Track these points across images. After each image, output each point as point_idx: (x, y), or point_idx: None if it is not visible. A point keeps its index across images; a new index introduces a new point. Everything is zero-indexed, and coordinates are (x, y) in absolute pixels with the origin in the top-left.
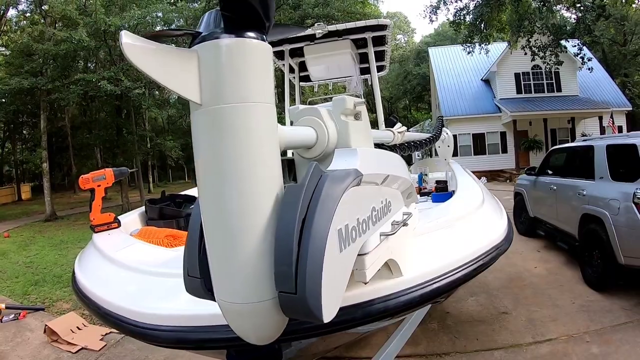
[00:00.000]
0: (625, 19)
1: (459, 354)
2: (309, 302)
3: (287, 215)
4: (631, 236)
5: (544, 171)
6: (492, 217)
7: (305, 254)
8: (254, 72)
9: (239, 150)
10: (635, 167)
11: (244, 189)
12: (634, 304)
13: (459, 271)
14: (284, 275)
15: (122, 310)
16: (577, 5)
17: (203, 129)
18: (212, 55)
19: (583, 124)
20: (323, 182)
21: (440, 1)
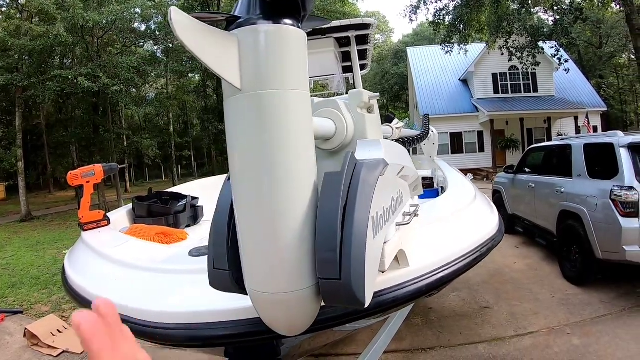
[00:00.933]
0: (601, 22)
1: (444, 348)
2: (353, 287)
3: (330, 202)
4: (608, 232)
5: (521, 169)
6: (485, 211)
7: (349, 240)
8: (292, 59)
9: (280, 136)
10: (612, 165)
11: (284, 176)
12: (612, 297)
13: (461, 261)
14: (328, 261)
15: (126, 310)
16: (555, 7)
17: (242, 114)
18: (252, 41)
19: (559, 123)
20: (359, 170)
21: (421, 1)
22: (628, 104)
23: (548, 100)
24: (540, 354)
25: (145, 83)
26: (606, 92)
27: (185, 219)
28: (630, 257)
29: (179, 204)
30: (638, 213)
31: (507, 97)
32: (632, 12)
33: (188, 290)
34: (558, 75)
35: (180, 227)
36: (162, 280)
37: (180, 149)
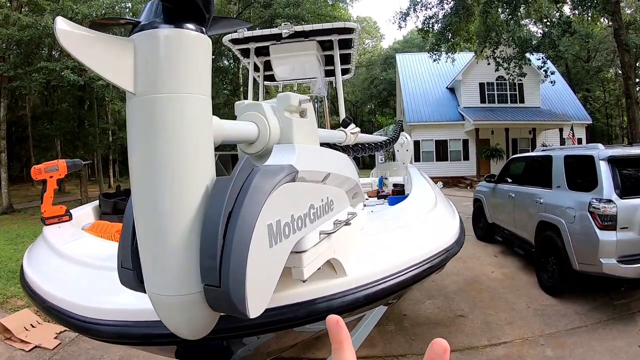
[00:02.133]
0: (589, 36)
1: (416, 356)
2: (232, 295)
3: (213, 208)
4: (586, 244)
5: (503, 179)
6: (444, 220)
7: (229, 247)
8: (190, 63)
9: (170, 140)
10: (592, 178)
11: (174, 180)
12: (587, 309)
13: (406, 272)
14: (208, 267)
15: (66, 305)
16: (544, 20)
17: (135, 118)
18: (147, 45)
19: (544, 135)
20: (253, 176)
21: (410, 8)
22: (613, 118)
23: (534, 111)
24: None
25: None
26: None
27: None
28: (607, 270)
29: None
30: (616, 226)
31: (493, 107)
32: (620, 27)
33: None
34: (545, 87)
35: None
36: (108, 277)
37: None
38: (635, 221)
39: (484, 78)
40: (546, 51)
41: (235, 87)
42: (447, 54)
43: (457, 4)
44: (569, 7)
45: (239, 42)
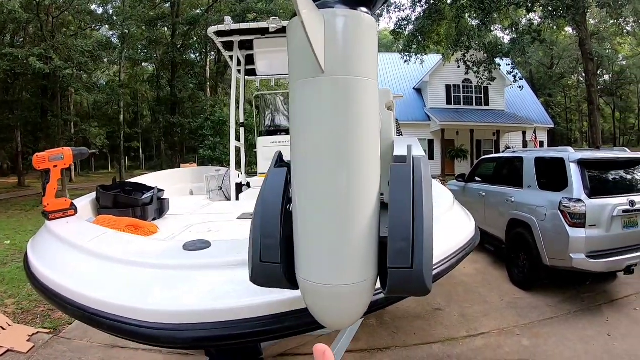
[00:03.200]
0: (554, 44)
1: (399, 348)
2: (424, 275)
3: (402, 193)
4: (556, 240)
5: (472, 178)
6: (464, 215)
7: (420, 231)
8: (369, 47)
9: (359, 124)
10: (562, 179)
11: (359, 164)
12: (558, 301)
13: (451, 258)
14: (399, 250)
15: (124, 310)
16: (514, 27)
17: (323, 98)
18: (336, 23)
19: (507, 137)
20: (420, 165)
21: (384, 9)
22: (574, 123)
23: (498, 114)
24: (492, 353)
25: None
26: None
27: (152, 211)
28: (577, 264)
29: (145, 195)
30: (585, 224)
31: (459, 109)
32: (585, 37)
33: (190, 287)
34: (509, 91)
35: (147, 220)
36: (160, 276)
37: (129, 140)
38: (603, 219)
39: (450, 80)
40: (516, 57)
41: (202, 82)
42: (416, 56)
43: (430, 8)
44: (539, 15)
45: (223, 35)
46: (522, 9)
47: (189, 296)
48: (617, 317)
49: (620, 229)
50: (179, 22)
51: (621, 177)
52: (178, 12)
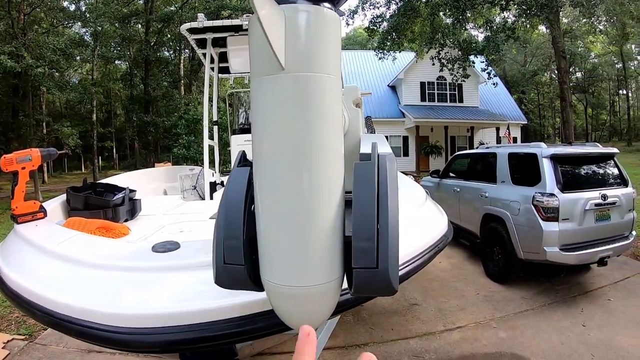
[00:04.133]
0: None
1: (377, 344)
2: (390, 275)
3: (366, 191)
4: (530, 234)
5: (447, 174)
6: (436, 212)
7: (385, 229)
8: (331, 43)
9: (322, 122)
10: (535, 174)
11: (320, 164)
12: (532, 293)
13: (424, 255)
14: (364, 250)
15: (89, 314)
16: (489, 25)
17: (283, 95)
18: (297, 19)
19: (481, 133)
20: (385, 162)
21: (359, 6)
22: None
23: (472, 110)
24: (469, 346)
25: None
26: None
27: (124, 213)
28: (550, 257)
29: (117, 196)
30: (558, 217)
31: (433, 105)
32: (558, 35)
33: (159, 289)
34: (483, 88)
35: (119, 221)
36: (129, 279)
37: (103, 140)
38: (575, 213)
39: (424, 77)
40: (490, 55)
41: (176, 80)
42: (390, 52)
43: (405, 5)
44: (513, 14)
45: (196, 32)
46: (497, 7)
47: (158, 299)
48: (592, 308)
49: (593, 222)
50: (153, 19)
51: (593, 171)
52: (152, 9)
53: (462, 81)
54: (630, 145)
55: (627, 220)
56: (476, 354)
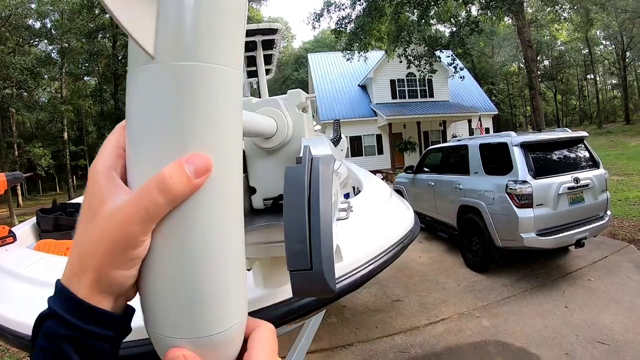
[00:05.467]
0: (494, 34)
1: (362, 343)
2: (325, 275)
3: (295, 195)
4: (506, 222)
5: (421, 169)
6: (402, 207)
7: (317, 231)
8: (226, 27)
9: (208, 124)
10: (507, 162)
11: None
12: (513, 280)
13: (389, 252)
14: (298, 253)
15: None
16: (453, 20)
17: (153, 91)
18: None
19: (454, 126)
20: (318, 164)
21: (324, 9)
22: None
23: (443, 104)
24: (454, 337)
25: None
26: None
27: None
28: (528, 243)
29: None
30: (532, 204)
31: (404, 102)
32: (523, 25)
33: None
34: (453, 82)
35: None
36: None
37: (76, 158)
38: (549, 198)
39: (394, 75)
40: (455, 49)
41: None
42: (359, 53)
43: (369, 5)
44: (477, 7)
45: None
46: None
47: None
48: (573, 290)
49: (567, 205)
50: (120, 32)
51: (564, 156)
52: None
53: (429, 76)
54: (600, 127)
55: (601, 201)
56: (461, 344)
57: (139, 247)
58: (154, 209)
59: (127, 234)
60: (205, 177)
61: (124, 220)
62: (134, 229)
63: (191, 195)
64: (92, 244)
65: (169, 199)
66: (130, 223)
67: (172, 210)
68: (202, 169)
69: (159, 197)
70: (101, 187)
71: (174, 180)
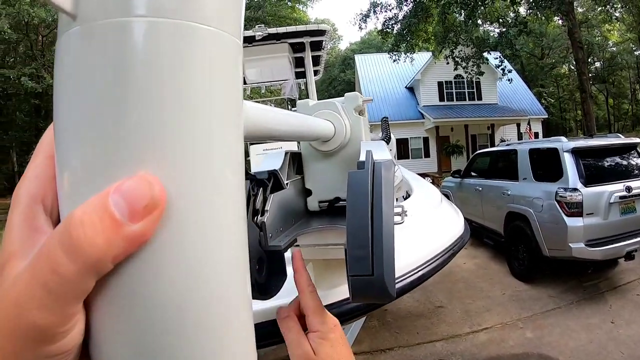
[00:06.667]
0: (543, 35)
1: (402, 348)
2: (386, 281)
3: (359, 199)
4: (555, 230)
5: (468, 174)
6: (452, 213)
7: (379, 237)
8: None
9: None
10: (557, 169)
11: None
12: (559, 291)
13: (438, 258)
14: (359, 258)
15: None
16: (501, 20)
17: (75, 67)
18: None
19: (502, 130)
20: (380, 169)
21: (371, 10)
22: (567, 112)
23: (491, 107)
24: (496, 347)
25: None
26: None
27: None
28: (576, 253)
29: None
30: (582, 212)
31: (452, 105)
32: (573, 26)
33: None
34: (501, 84)
35: None
36: None
37: None
38: (600, 207)
39: (442, 77)
40: (504, 50)
41: None
42: (405, 54)
43: (416, 6)
44: (525, 8)
45: None
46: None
47: None
48: (620, 304)
49: (618, 215)
50: None
51: (616, 163)
52: None
53: (477, 78)
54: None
55: None
56: (503, 355)
57: (58, 340)
58: (59, 283)
59: (26, 323)
60: (151, 218)
61: (18, 302)
62: (37, 316)
63: (130, 251)
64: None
65: (83, 264)
66: (28, 307)
67: (111, 274)
68: (140, 204)
69: (65, 262)
70: (11, 231)
71: (87, 230)
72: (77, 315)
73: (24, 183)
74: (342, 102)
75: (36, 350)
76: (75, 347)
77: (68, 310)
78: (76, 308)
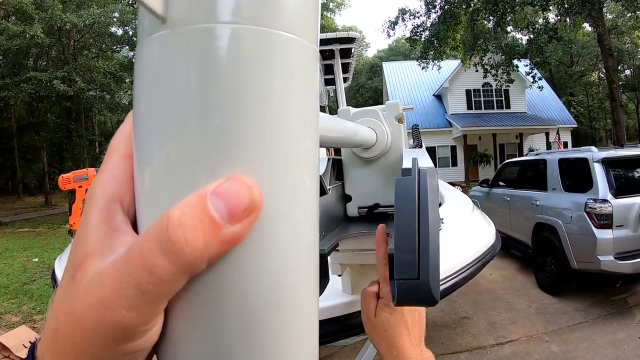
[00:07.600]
0: (572, 42)
1: None
2: (431, 286)
3: (406, 205)
4: (583, 243)
5: (496, 183)
6: (483, 222)
7: (425, 242)
8: None
9: (260, 118)
10: (587, 179)
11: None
12: (587, 305)
13: (470, 267)
14: (406, 262)
15: None
16: (530, 27)
17: (163, 72)
18: None
19: (530, 139)
20: (425, 176)
21: (399, 17)
22: (597, 121)
23: (520, 116)
24: None
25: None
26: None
27: None
28: (605, 267)
29: None
30: (612, 224)
31: (480, 113)
32: (603, 33)
33: None
34: (530, 93)
35: None
36: None
37: None
38: (630, 219)
39: (470, 85)
40: (534, 57)
41: None
42: (433, 62)
43: (444, 13)
44: (554, 14)
45: None
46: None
47: None
48: None
49: None
50: None
51: None
52: None
53: (506, 86)
54: None
55: None
56: None
57: (138, 338)
58: (155, 284)
59: (112, 322)
60: (249, 220)
61: (104, 302)
62: (125, 316)
63: (224, 252)
64: (69, 324)
65: (181, 266)
66: (114, 307)
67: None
68: (240, 207)
69: (162, 263)
70: (88, 230)
71: (187, 232)
72: (160, 314)
73: (100, 182)
74: (383, 110)
75: (114, 348)
76: (151, 346)
77: (156, 309)
78: (163, 307)
